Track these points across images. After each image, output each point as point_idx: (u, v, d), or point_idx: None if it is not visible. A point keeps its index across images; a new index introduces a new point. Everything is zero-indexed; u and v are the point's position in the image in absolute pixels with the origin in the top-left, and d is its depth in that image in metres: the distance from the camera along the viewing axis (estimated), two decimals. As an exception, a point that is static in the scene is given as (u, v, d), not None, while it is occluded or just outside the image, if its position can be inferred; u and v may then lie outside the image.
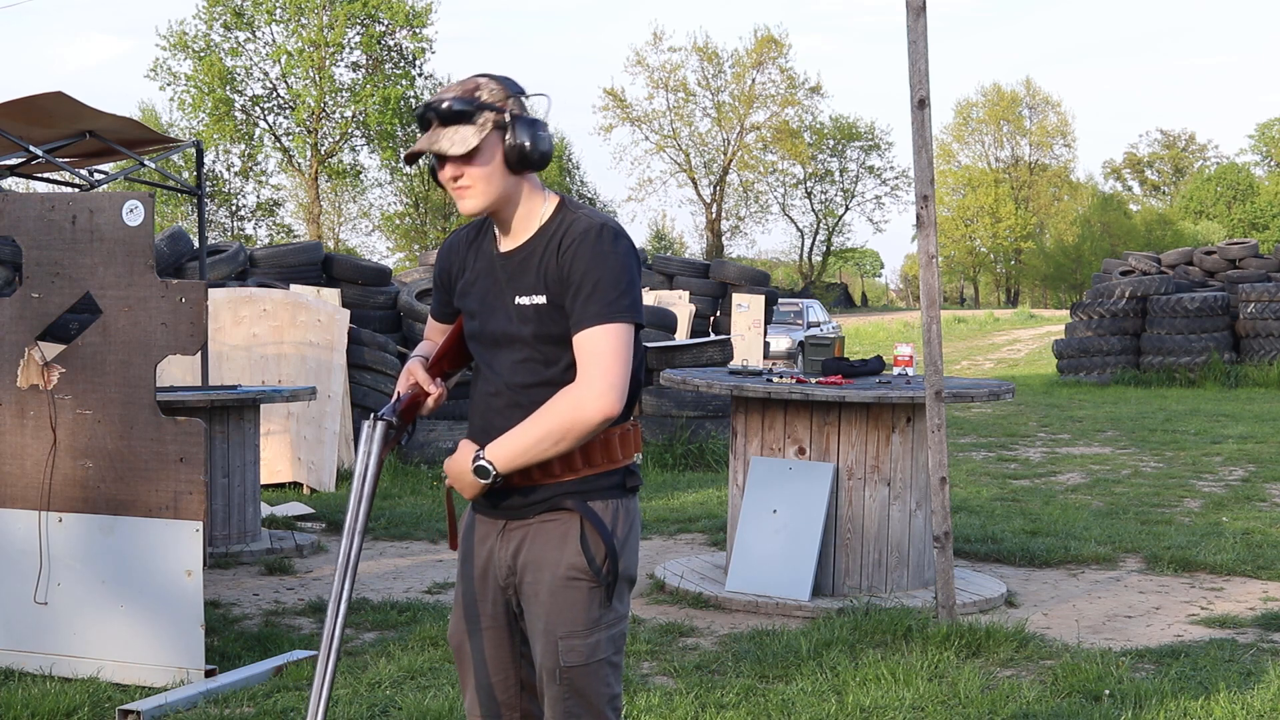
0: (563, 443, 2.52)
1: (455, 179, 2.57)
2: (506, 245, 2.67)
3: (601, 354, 2.51)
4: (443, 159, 2.57)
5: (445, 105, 2.55)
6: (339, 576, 2.59)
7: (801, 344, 7.99)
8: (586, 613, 2.59)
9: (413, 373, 2.77)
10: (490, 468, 2.55)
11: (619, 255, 2.55)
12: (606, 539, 2.60)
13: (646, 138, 61.22)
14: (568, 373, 2.58)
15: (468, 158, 2.56)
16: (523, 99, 2.63)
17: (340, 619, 2.58)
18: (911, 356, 7.00)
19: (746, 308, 17.72)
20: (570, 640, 2.58)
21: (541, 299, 2.58)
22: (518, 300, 2.62)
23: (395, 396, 2.75)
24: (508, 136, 2.57)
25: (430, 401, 2.76)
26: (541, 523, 2.63)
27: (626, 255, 2.56)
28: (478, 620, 2.72)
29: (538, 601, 2.61)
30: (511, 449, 2.54)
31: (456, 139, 2.55)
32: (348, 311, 10.46)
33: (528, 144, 2.56)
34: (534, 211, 2.64)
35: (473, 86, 2.59)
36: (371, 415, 2.65)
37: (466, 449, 2.61)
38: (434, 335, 2.92)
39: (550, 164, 2.70)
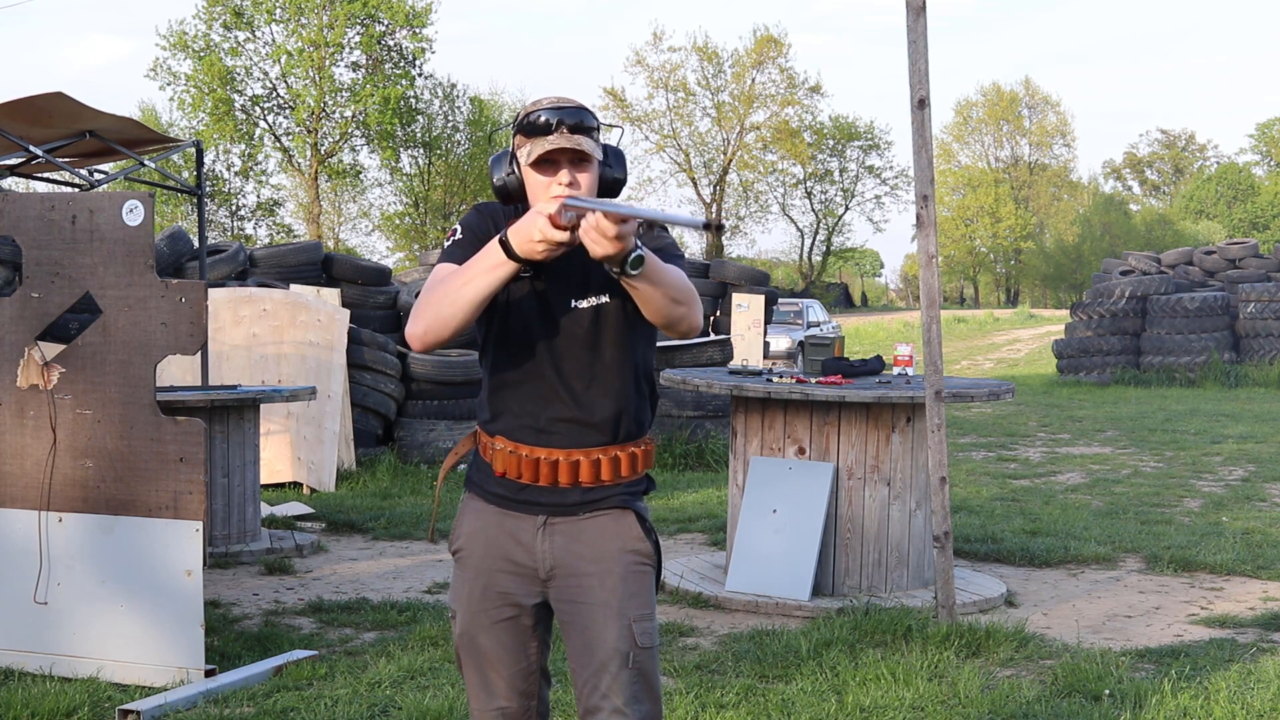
0: (676, 308, 2.59)
1: (569, 185, 2.64)
2: None
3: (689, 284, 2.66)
4: (556, 162, 2.65)
5: (578, 118, 2.65)
6: None
7: (801, 344, 7.99)
8: (651, 597, 2.76)
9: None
10: (644, 259, 2.49)
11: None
12: (652, 532, 2.80)
13: (646, 137, 61.15)
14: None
15: (587, 165, 2.68)
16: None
17: None
18: (911, 356, 7.00)
19: (746, 308, 17.71)
20: (642, 623, 2.72)
21: (604, 298, 2.70)
22: (574, 304, 2.70)
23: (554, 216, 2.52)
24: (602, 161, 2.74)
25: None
26: (592, 518, 2.74)
27: None
28: (496, 614, 2.76)
29: (606, 588, 2.70)
30: (658, 268, 2.53)
31: (587, 146, 2.65)
32: (348, 311, 10.46)
33: (620, 175, 2.77)
34: None
35: (581, 105, 2.69)
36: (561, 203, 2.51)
37: None
38: None
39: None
